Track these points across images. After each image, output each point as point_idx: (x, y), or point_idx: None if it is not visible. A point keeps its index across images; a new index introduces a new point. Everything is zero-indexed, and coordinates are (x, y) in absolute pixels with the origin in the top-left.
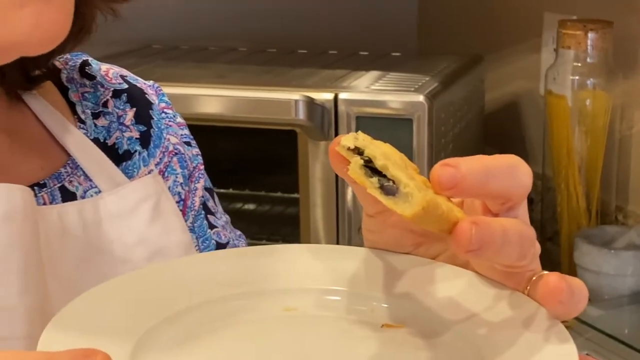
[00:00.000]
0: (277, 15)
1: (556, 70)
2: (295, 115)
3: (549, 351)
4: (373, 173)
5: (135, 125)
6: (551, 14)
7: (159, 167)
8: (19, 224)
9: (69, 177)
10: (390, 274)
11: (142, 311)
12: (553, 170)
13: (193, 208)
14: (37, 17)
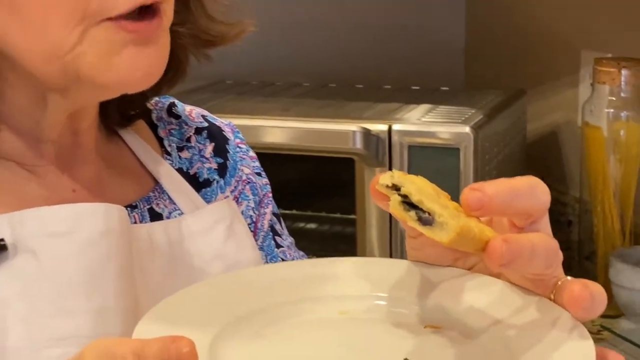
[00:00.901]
0: (336, 53)
1: (592, 104)
2: (353, 145)
3: (571, 347)
4: (410, 207)
5: (214, 158)
6: (588, 51)
7: (234, 194)
8: (116, 238)
9: (156, 200)
10: (429, 282)
11: (218, 311)
12: (590, 195)
13: (262, 230)
14: (135, 59)
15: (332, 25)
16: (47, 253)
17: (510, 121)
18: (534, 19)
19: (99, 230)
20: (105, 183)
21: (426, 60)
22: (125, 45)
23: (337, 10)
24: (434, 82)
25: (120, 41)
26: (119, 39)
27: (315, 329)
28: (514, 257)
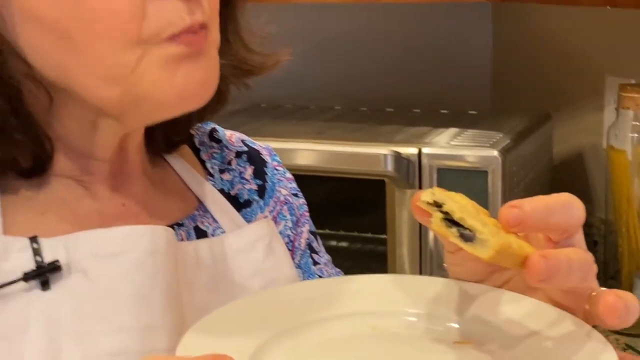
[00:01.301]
0: (367, 77)
1: (617, 128)
2: (384, 167)
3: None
4: (452, 224)
5: (254, 180)
6: (612, 77)
7: (272, 214)
8: (162, 257)
9: (201, 219)
10: (461, 299)
11: (257, 326)
12: (614, 216)
13: (300, 248)
14: (192, 72)
15: (362, 51)
16: (98, 273)
17: (537, 144)
18: (559, 45)
19: (146, 250)
20: (153, 201)
21: (454, 84)
22: (182, 60)
23: (367, 37)
24: (461, 106)
25: (177, 57)
26: (176, 56)
27: (350, 345)
28: (552, 273)
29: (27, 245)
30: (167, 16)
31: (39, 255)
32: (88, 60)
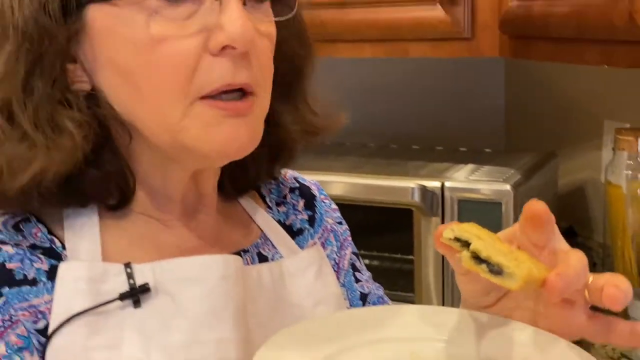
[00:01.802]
0: (396, 118)
1: (614, 166)
2: (411, 198)
3: None
4: (479, 260)
5: (305, 211)
6: (610, 121)
7: (321, 240)
8: (233, 281)
9: (262, 246)
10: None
11: (317, 346)
12: (611, 241)
13: (343, 269)
14: (230, 132)
15: (393, 97)
16: (180, 294)
17: (544, 179)
18: (563, 93)
19: (219, 276)
20: (223, 232)
21: (472, 126)
22: (222, 120)
23: (397, 85)
24: (479, 145)
25: (217, 116)
26: (215, 115)
27: None
28: (567, 287)
29: (122, 270)
30: (215, 73)
31: (132, 279)
32: (150, 108)
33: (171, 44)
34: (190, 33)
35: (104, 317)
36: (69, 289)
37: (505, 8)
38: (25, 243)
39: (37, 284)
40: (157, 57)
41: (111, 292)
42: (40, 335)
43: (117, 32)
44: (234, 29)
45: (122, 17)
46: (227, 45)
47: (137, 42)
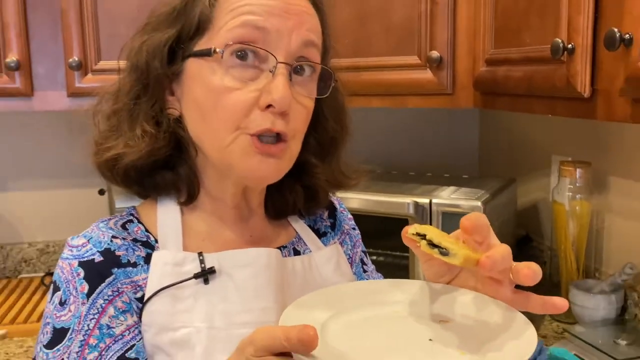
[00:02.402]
0: (398, 152)
1: (559, 189)
2: (407, 211)
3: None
4: (433, 246)
5: (328, 219)
6: (556, 156)
7: (339, 240)
8: (273, 268)
9: (297, 243)
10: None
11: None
12: (557, 246)
13: (355, 262)
14: (259, 165)
15: (396, 135)
16: (236, 276)
17: (507, 198)
18: (522, 133)
19: (264, 264)
20: (268, 233)
21: (454, 158)
22: (254, 154)
23: (398, 126)
24: (458, 172)
25: (252, 150)
26: (251, 149)
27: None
28: (494, 266)
29: (196, 258)
30: (259, 121)
31: (203, 264)
32: (211, 134)
33: (235, 95)
34: (250, 90)
35: (183, 290)
36: (159, 270)
37: (477, 72)
38: (129, 237)
39: (137, 266)
40: (223, 102)
41: (188, 273)
42: (138, 302)
43: (202, 78)
44: (276, 96)
45: (208, 68)
46: (270, 104)
47: (213, 87)
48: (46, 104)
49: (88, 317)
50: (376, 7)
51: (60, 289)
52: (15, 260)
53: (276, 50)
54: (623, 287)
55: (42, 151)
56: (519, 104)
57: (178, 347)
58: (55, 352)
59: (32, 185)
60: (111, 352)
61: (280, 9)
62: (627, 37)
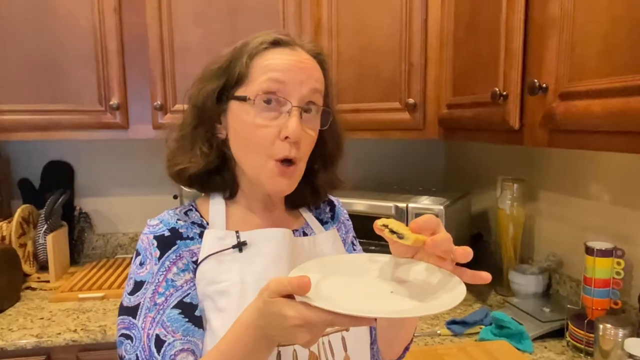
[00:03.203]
0: (384, 171)
1: (502, 198)
2: (391, 212)
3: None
4: (393, 232)
5: (329, 212)
6: (500, 175)
7: (337, 227)
8: (287, 243)
9: (306, 228)
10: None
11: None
12: (500, 240)
13: (347, 243)
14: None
15: (382, 159)
16: (262, 247)
17: (463, 205)
18: (475, 158)
19: (281, 239)
20: (285, 219)
21: (425, 176)
22: (277, 176)
23: (383, 152)
24: (429, 186)
25: (275, 173)
26: (275, 172)
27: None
28: (436, 246)
29: (234, 234)
30: (281, 149)
31: (239, 238)
32: (246, 157)
33: (263, 129)
34: (273, 126)
35: (224, 256)
36: (208, 242)
37: (441, 113)
38: (189, 220)
39: (193, 239)
40: (255, 135)
41: (228, 244)
42: (193, 264)
43: (240, 115)
44: (292, 130)
45: (244, 109)
46: (287, 137)
47: (247, 123)
48: (137, 134)
49: (159, 273)
50: (370, 68)
51: (140, 254)
52: (113, 245)
53: (292, 97)
54: (548, 270)
55: (133, 167)
56: (470, 136)
57: (220, 295)
58: (135, 297)
59: (126, 192)
60: (173, 297)
61: (294, 66)
62: (544, 86)
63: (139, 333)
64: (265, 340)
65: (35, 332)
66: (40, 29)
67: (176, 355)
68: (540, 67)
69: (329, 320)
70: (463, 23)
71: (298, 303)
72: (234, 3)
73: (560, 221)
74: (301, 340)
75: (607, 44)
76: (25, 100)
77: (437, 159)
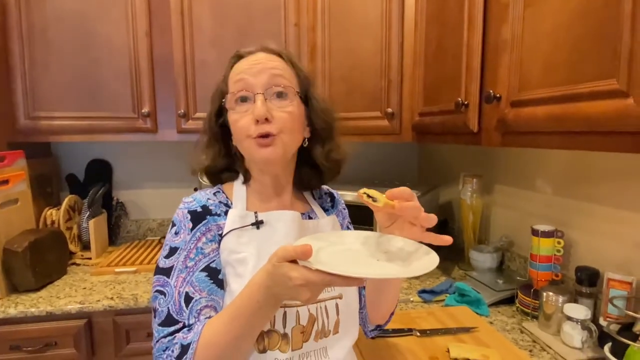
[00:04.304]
0: (368, 169)
1: (463, 191)
2: None
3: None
4: (369, 197)
5: (330, 202)
6: (462, 172)
7: (336, 214)
8: (297, 224)
9: (311, 213)
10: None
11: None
12: (462, 226)
13: (344, 227)
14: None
15: (366, 158)
16: (275, 225)
17: (433, 196)
18: (442, 157)
19: (291, 220)
20: (295, 204)
21: (402, 172)
22: (258, 147)
23: (366, 154)
24: (404, 181)
25: (256, 146)
26: (255, 145)
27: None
28: (403, 210)
29: (253, 214)
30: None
31: (257, 217)
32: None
33: (241, 120)
34: (247, 115)
35: (244, 232)
36: (232, 219)
37: (414, 121)
38: (216, 200)
39: (220, 216)
40: (238, 127)
41: (248, 222)
42: (219, 236)
43: (230, 119)
44: (257, 111)
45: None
46: (257, 119)
47: (232, 122)
48: (164, 137)
49: (191, 242)
50: (356, 84)
51: (176, 225)
52: (144, 229)
53: (255, 87)
54: (501, 249)
55: (161, 165)
56: (438, 139)
57: (239, 263)
58: (170, 260)
59: (155, 185)
60: (202, 262)
61: (250, 65)
62: (498, 96)
63: (172, 290)
64: (273, 298)
65: (79, 300)
66: (83, 49)
67: (201, 310)
68: (495, 80)
69: (327, 281)
70: (432, 46)
71: (301, 267)
72: (243, 28)
73: (511, 209)
74: (303, 297)
75: (548, 62)
76: (72, 109)
77: (411, 158)
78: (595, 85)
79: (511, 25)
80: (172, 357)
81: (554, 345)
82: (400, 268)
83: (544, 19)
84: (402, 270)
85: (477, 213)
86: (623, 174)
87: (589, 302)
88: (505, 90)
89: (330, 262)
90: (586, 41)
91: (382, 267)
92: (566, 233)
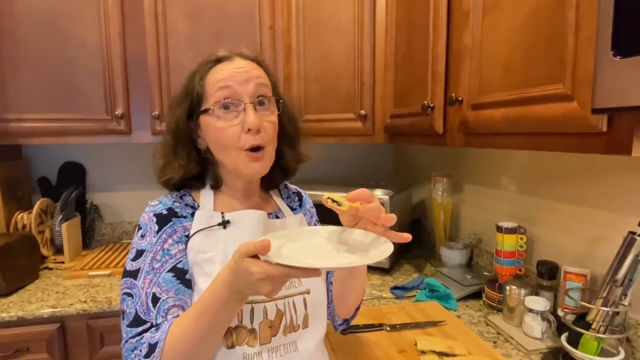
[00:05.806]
0: (345, 171)
1: (434, 190)
2: None
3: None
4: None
5: (298, 201)
6: (434, 172)
7: (303, 213)
8: (262, 223)
9: (278, 213)
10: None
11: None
12: (434, 224)
13: (312, 223)
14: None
15: (341, 160)
16: (241, 225)
17: (406, 196)
18: (416, 159)
19: (257, 219)
20: (262, 205)
21: (377, 173)
22: (250, 161)
23: (342, 156)
24: (379, 181)
25: (248, 160)
26: (247, 158)
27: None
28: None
29: (219, 215)
30: (247, 141)
31: (223, 218)
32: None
33: (228, 129)
34: (236, 124)
35: (211, 232)
36: (198, 220)
37: (386, 122)
38: (183, 203)
39: (186, 217)
40: (224, 136)
41: (215, 222)
42: (186, 237)
43: (209, 125)
44: (251, 122)
45: (210, 119)
46: (250, 129)
47: (216, 129)
48: (138, 139)
49: (157, 244)
50: (331, 86)
51: (142, 228)
52: (119, 232)
53: (242, 96)
54: (470, 246)
55: (135, 167)
56: (407, 140)
57: (206, 262)
58: (136, 262)
59: (130, 187)
60: (168, 263)
61: (235, 73)
62: (460, 99)
63: (139, 291)
64: (237, 294)
65: (51, 304)
66: (56, 50)
67: (169, 310)
68: (457, 84)
69: (285, 273)
70: (402, 50)
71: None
72: (219, 30)
73: (479, 207)
74: (264, 290)
75: (506, 66)
76: (44, 110)
77: (385, 159)
78: (546, 89)
79: (471, 32)
80: (140, 357)
81: (516, 336)
82: (357, 258)
83: (501, 26)
84: (357, 259)
85: (448, 211)
86: (583, 173)
87: (550, 294)
88: (467, 94)
89: (291, 257)
90: (537, 47)
91: (341, 258)
92: (529, 229)
